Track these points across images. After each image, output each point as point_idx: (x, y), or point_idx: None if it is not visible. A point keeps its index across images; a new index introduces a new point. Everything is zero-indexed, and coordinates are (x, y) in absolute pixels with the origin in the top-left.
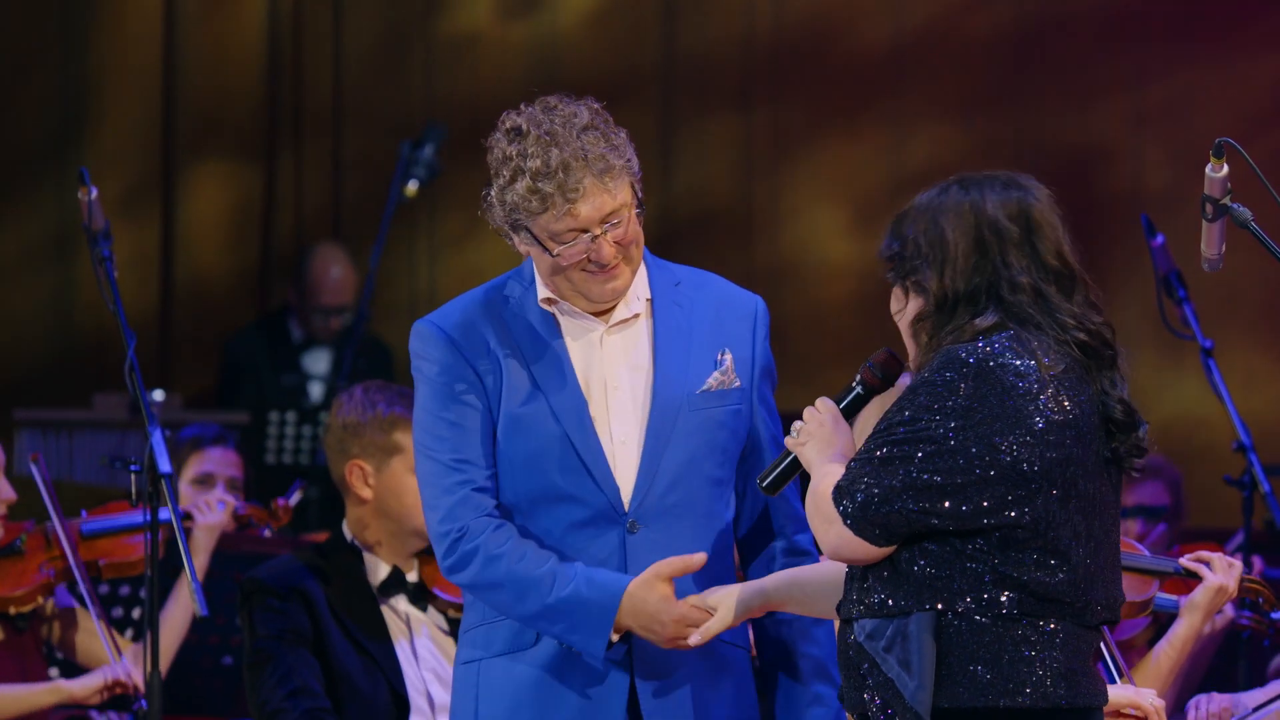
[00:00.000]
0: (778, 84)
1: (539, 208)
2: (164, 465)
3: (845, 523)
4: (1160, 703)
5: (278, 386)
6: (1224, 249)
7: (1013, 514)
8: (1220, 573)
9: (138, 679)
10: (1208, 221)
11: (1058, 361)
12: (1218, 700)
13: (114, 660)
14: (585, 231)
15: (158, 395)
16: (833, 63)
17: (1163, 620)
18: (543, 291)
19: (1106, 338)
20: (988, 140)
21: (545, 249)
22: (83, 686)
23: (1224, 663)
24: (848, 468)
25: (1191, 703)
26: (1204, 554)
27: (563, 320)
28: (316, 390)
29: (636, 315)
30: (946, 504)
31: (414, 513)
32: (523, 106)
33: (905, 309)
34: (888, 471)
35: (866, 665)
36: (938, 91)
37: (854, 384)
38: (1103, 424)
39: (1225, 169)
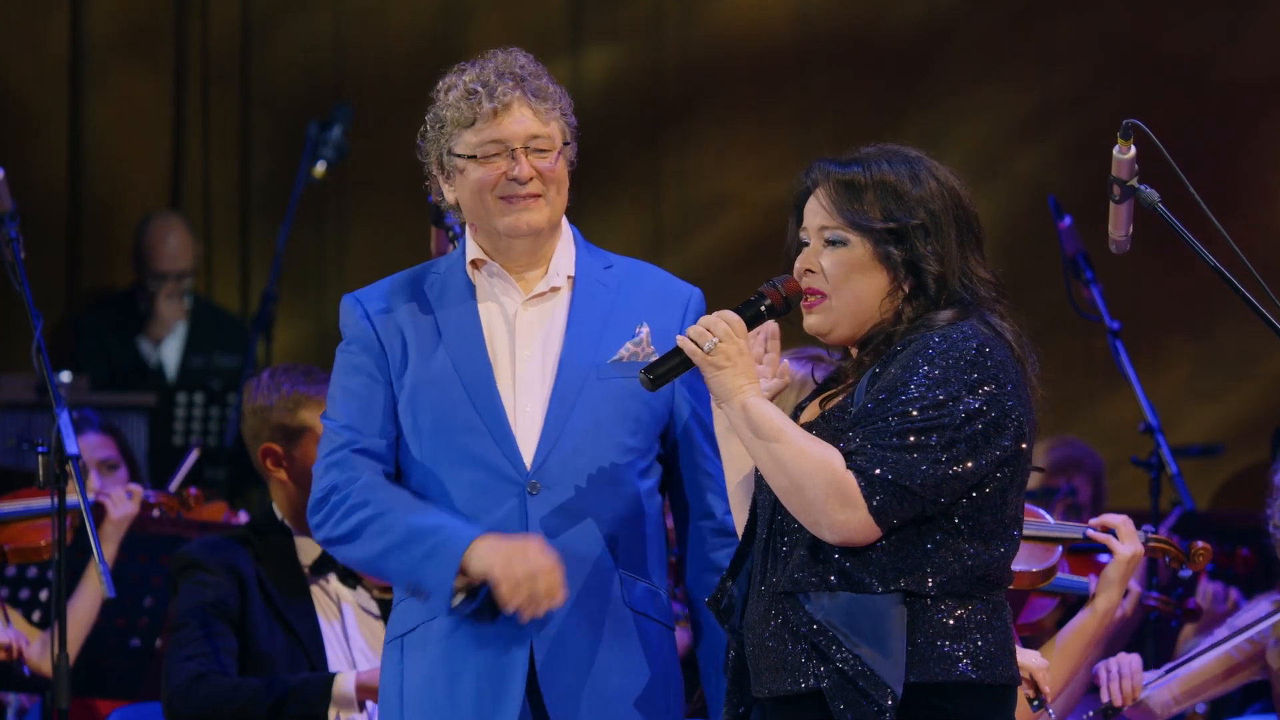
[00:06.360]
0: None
1: (468, 115)
2: (71, 446)
3: (872, 515)
4: (1044, 662)
5: (130, 362)
6: (1131, 230)
7: (995, 493)
8: (1128, 540)
9: (42, 665)
10: (1115, 203)
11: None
12: (1127, 661)
13: (2, 626)
14: (507, 148)
15: (65, 376)
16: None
17: (1071, 602)
18: (472, 251)
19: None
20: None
21: (470, 160)
22: None
23: (1132, 643)
24: (872, 452)
25: (1100, 666)
26: (1109, 519)
27: (483, 289)
28: (171, 366)
29: (556, 289)
30: (972, 493)
31: None
32: None
33: (866, 278)
34: (923, 459)
35: (823, 640)
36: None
37: (761, 305)
38: None
39: (1132, 151)
